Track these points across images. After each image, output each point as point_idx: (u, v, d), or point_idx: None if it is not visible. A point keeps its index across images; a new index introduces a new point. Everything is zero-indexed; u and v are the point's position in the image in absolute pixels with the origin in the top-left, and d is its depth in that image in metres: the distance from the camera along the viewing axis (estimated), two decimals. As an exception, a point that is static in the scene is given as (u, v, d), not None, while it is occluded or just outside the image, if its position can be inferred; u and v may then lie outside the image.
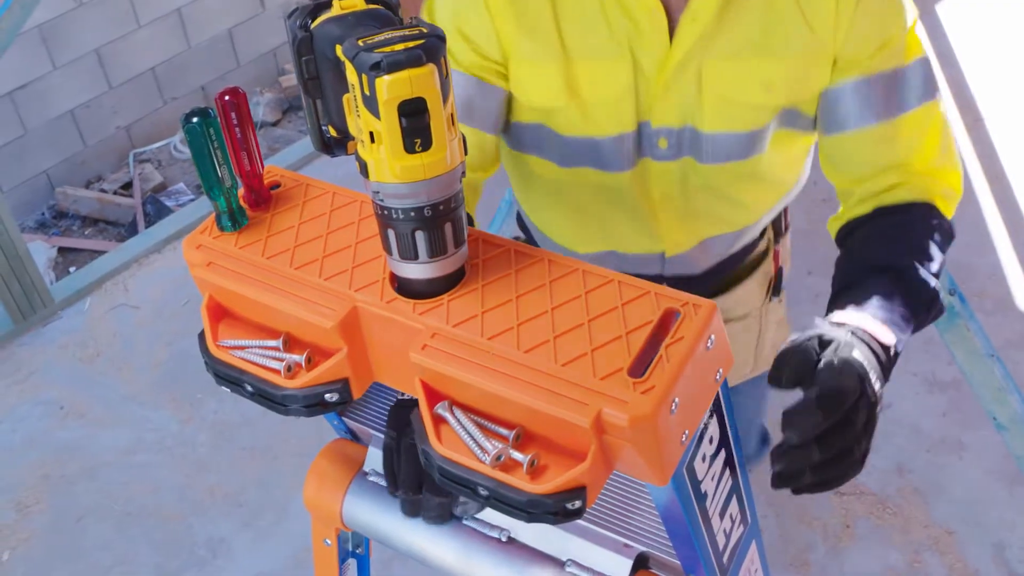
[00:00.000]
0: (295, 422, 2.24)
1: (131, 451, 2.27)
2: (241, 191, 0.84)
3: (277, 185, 0.86)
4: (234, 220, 0.82)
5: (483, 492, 0.69)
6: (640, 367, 0.68)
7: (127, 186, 3.14)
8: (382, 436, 0.92)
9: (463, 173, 0.68)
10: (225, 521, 2.13)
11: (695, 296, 0.71)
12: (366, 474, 0.94)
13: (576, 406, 0.65)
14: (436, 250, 0.69)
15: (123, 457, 2.26)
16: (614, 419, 0.64)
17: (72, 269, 2.88)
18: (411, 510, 0.85)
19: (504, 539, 0.86)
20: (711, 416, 0.73)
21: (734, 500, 0.81)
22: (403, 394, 0.93)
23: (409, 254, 0.70)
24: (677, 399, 0.66)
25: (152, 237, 2.80)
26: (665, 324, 0.71)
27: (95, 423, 2.34)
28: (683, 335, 0.68)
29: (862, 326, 0.85)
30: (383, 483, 0.93)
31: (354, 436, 1.00)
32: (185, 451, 2.26)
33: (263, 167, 0.85)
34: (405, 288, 0.73)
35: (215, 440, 2.27)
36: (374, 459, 0.95)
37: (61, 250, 2.95)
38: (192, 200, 3.02)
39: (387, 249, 0.71)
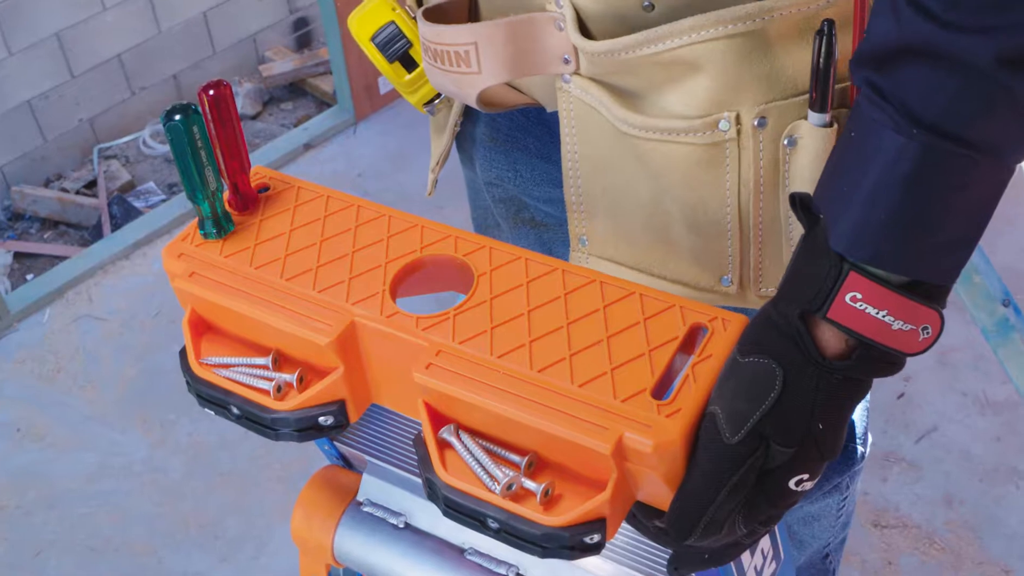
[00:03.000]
0: (278, 444, 2.25)
1: (95, 478, 2.28)
2: (226, 194, 0.86)
3: (266, 188, 0.88)
4: (219, 226, 0.83)
5: (493, 524, 0.70)
6: (665, 388, 0.69)
7: (91, 185, 3.16)
8: (378, 463, 0.94)
9: None
10: (200, 555, 2.14)
11: (725, 311, 0.73)
12: (360, 504, 0.96)
13: (595, 430, 0.66)
14: None
15: (87, 485, 2.27)
16: (637, 445, 0.65)
17: (30, 277, 2.89)
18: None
19: (513, 576, 0.88)
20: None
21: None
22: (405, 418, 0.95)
23: None
24: (705, 423, 0.67)
25: (119, 241, 2.81)
26: (691, 340, 0.72)
27: (55, 447, 2.35)
28: (711, 352, 0.70)
29: None
30: (378, 514, 0.94)
31: (347, 462, 1.02)
32: (156, 477, 2.27)
33: (250, 167, 0.87)
34: None
35: (189, 465, 2.28)
36: (369, 488, 0.96)
37: (17, 255, 2.96)
38: (163, 201, 3.04)
39: None
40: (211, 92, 0.81)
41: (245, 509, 2.19)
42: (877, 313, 0.63)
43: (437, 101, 1.01)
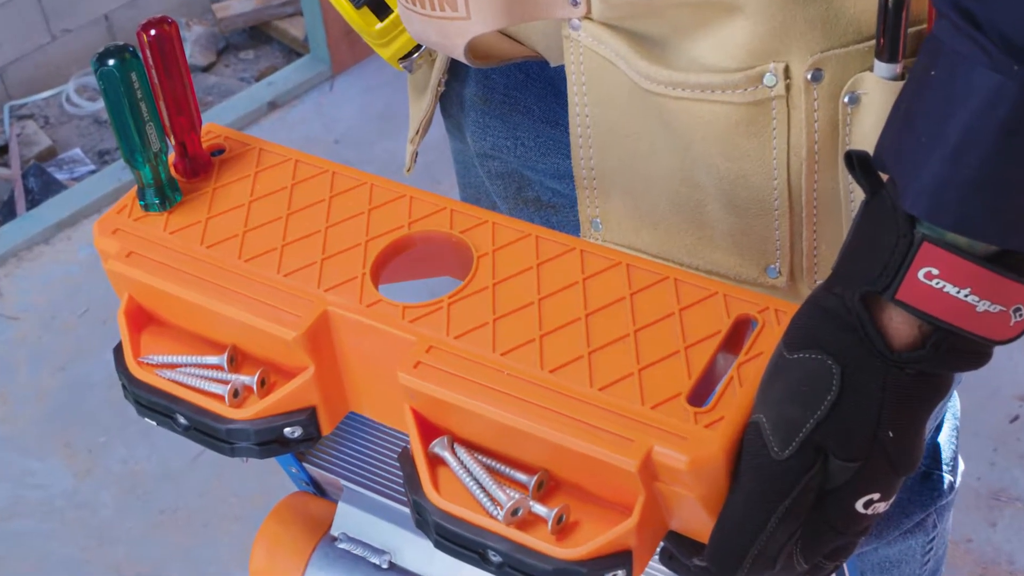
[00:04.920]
0: (233, 475, 2.26)
1: (6, 515, 2.30)
2: (172, 157, 0.88)
3: (221, 150, 0.90)
4: (163, 196, 0.86)
5: (495, 558, 0.72)
6: (704, 393, 0.71)
7: (2, 151, 3.18)
8: (356, 488, 0.95)
9: None
10: (136, 613, 2.16)
11: (778, 300, 0.74)
12: (335, 539, 0.98)
13: (619, 443, 0.68)
14: None
15: (-4, 524, 2.28)
16: (669, 460, 0.67)
17: (-74, 266, 2.92)
18: None
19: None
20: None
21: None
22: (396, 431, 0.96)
23: None
24: (753, 435, 0.69)
25: (37, 221, 2.83)
26: (738, 336, 0.74)
27: (-43, 477, 2.37)
28: (762, 350, 0.72)
29: None
30: (357, 552, 0.96)
31: (318, 488, 1.04)
32: (82, 515, 2.28)
33: (201, 125, 0.89)
34: None
35: (124, 500, 2.29)
36: (345, 519, 0.98)
37: (-89, 239, 2.99)
38: (92, 172, 3.05)
39: None
40: (153, 32, 0.83)
41: (193, 554, 2.21)
42: (958, 292, 0.64)
43: (416, 55, 1.02)
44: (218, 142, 0.91)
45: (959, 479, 1.26)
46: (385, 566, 0.95)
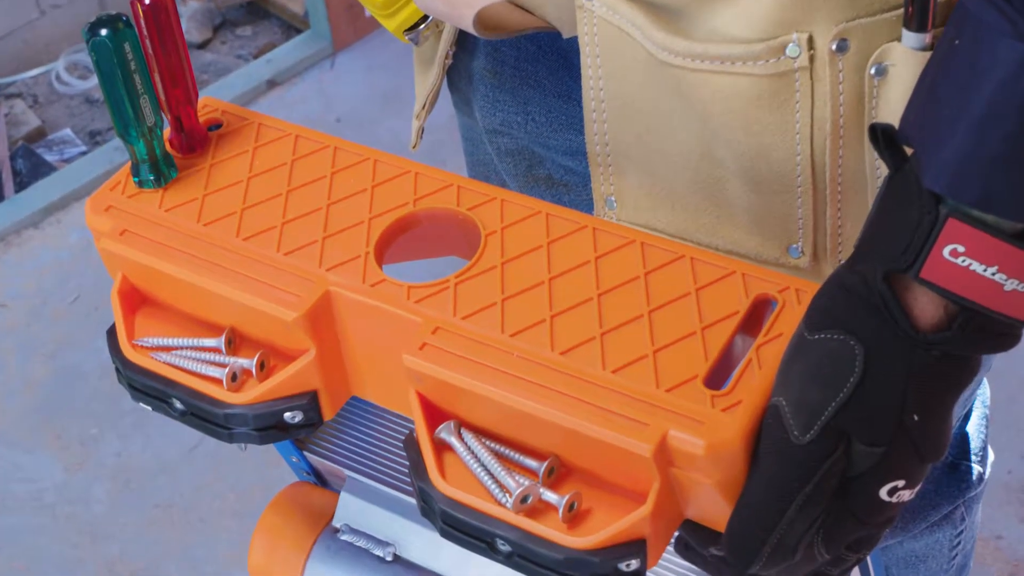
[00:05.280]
0: (231, 469, 2.27)
1: (-6, 511, 2.30)
2: (167, 131, 0.88)
3: (218, 124, 0.91)
4: (158, 172, 0.86)
5: (503, 547, 0.72)
6: (722, 376, 0.71)
7: (-11, 132, 3.19)
8: (359, 478, 0.96)
9: None
10: (130, 612, 2.16)
11: (799, 279, 0.75)
12: (337, 531, 0.98)
13: (633, 428, 0.68)
14: None
15: (-17, 520, 2.29)
16: (685, 445, 0.67)
17: (-90, 251, 2.93)
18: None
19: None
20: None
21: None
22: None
23: None
24: (772, 419, 0.69)
25: (26, 205, 2.83)
26: (757, 316, 0.74)
27: (-57, 471, 2.38)
28: (781, 331, 0.72)
29: None
30: (360, 544, 0.96)
31: (320, 478, 1.04)
32: (74, 511, 2.29)
33: (197, 99, 0.89)
34: None
35: (118, 495, 2.30)
36: (348, 510, 0.98)
37: None
38: (83, 153, 3.06)
39: None
40: (147, 0, 0.83)
41: (190, 551, 2.22)
42: (985, 270, 0.64)
43: (422, 26, 1.02)
44: (215, 116, 0.92)
45: (988, 471, 1.26)
46: (389, 559, 0.95)
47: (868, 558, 0.93)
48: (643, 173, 0.92)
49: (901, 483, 0.69)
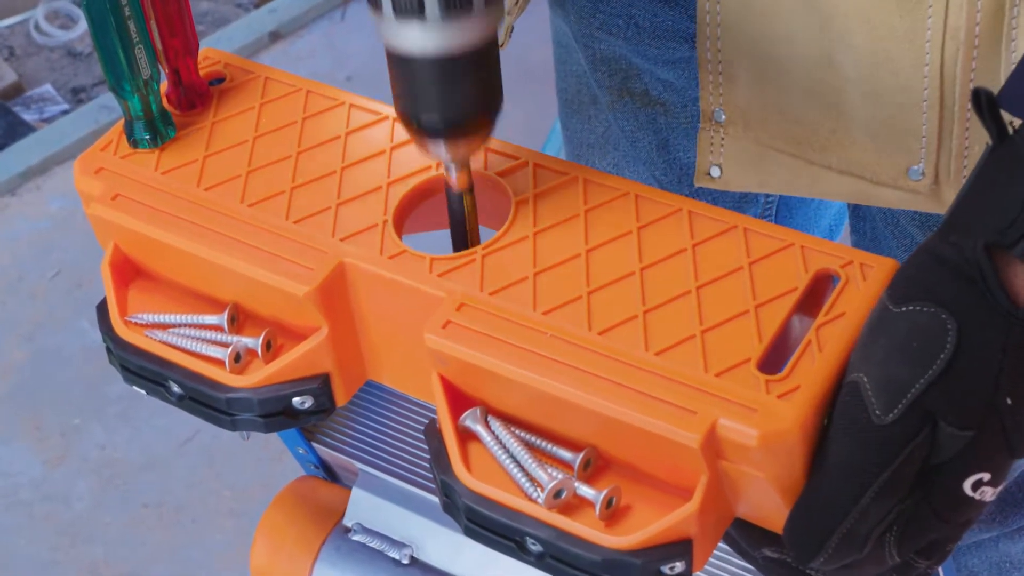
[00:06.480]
0: (227, 464, 2.27)
1: (-35, 511, 2.31)
2: (165, 86, 0.90)
3: (221, 78, 0.92)
4: (154, 130, 0.87)
5: (534, 547, 0.73)
6: (779, 359, 0.72)
7: (-42, 89, 3.20)
8: (374, 472, 0.97)
9: None
10: (114, 624, 2.17)
11: (864, 252, 0.75)
12: (348, 530, 0.99)
13: (678, 416, 0.69)
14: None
15: (-47, 520, 2.30)
16: (737, 435, 0.68)
17: None
18: None
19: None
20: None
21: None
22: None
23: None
24: (833, 406, 0.70)
25: (1, 170, 2.85)
26: (817, 294, 0.75)
27: (-92, 466, 2.39)
28: (844, 310, 0.73)
29: None
30: (373, 544, 0.98)
31: (329, 472, 1.06)
32: (53, 509, 2.29)
33: (198, 50, 0.90)
34: (409, 104, 0.76)
35: (101, 492, 2.30)
36: (360, 507, 1.00)
37: None
38: (66, 112, 3.07)
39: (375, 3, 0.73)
40: (144, -59, 0.84)
41: (179, 556, 2.22)
42: None
43: None
44: (217, 69, 0.92)
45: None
46: (406, 561, 0.97)
47: (940, 569, 0.93)
48: (756, 82, 0.93)
49: (986, 476, 0.70)
